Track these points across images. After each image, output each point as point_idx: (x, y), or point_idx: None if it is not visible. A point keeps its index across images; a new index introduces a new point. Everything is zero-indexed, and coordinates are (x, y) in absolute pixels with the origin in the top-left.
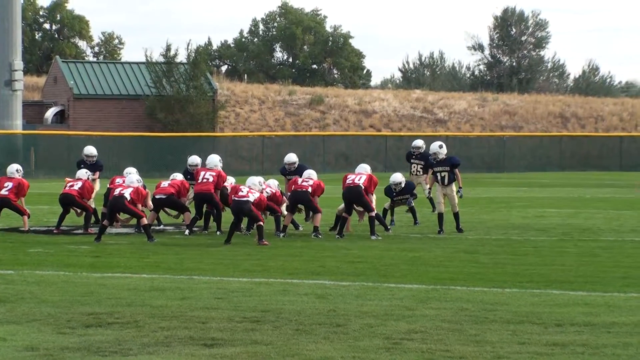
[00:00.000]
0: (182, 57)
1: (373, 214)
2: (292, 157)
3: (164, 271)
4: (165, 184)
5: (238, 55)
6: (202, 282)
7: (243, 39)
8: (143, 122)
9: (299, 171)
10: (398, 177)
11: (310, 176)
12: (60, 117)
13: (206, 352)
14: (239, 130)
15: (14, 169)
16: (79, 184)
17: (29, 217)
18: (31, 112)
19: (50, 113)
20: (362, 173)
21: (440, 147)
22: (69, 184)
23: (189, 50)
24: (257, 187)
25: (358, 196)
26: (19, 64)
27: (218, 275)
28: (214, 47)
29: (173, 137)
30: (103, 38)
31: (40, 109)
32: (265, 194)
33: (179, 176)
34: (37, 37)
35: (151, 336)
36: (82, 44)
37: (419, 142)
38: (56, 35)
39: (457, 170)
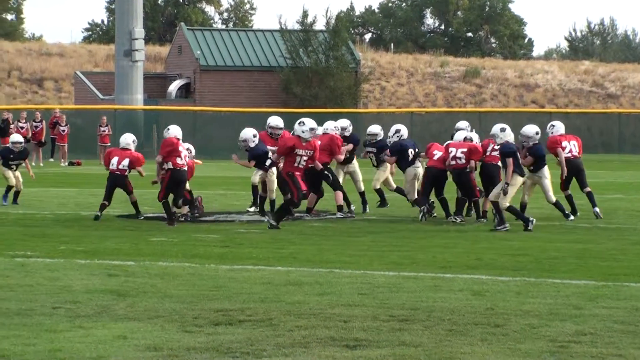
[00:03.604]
0: (320, 25)
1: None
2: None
3: (301, 263)
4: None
5: (384, 22)
6: (343, 276)
7: (389, 4)
8: (277, 96)
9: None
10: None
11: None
12: (185, 91)
13: (348, 355)
14: (384, 106)
15: (130, 139)
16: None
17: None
18: (153, 86)
19: (174, 87)
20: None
21: (502, 130)
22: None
23: (329, 17)
24: None
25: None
26: (139, 32)
27: (361, 268)
28: (357, 13)
29: (311, 113)
30: (232, 3)
31: (163, 82)
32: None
33: None
34: (159, 2)
35: (287, 336)
36: (209, 9)
37: (375, 128)
38: (181, 1)
39: (510, 160)
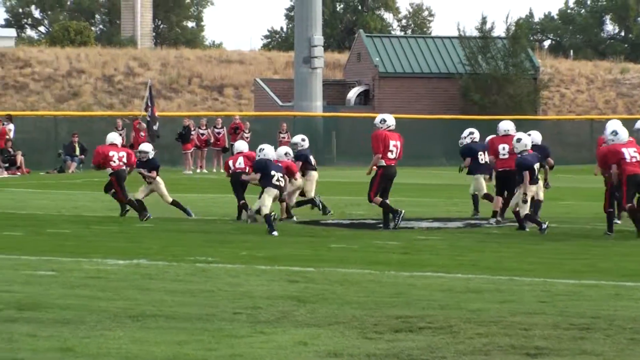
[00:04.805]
0: (499, 31)
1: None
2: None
3: (481, 271)
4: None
5: (563, 28)
6: (524, 284)
7: (568, 11)
8: (456, 103)
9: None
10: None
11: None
12: (364, 98)
13: None
14: (563, 113)
15: (283, 152)
16: None
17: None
18: (332, 93)
19: (353, 93)
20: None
21: (518, 140)
22: None
23: (508, 24)
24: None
25: None
26: (318, 39)
27: (541, 276)
28: (536, 19)
29: (490, 120)
30: (411, 10)
31: (342, 88)
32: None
33: None
34: (338, 9)
35: (467, 343)
36: (388, 16)
37: (297, 138)
38: (359, 7)
39: (525, 172)
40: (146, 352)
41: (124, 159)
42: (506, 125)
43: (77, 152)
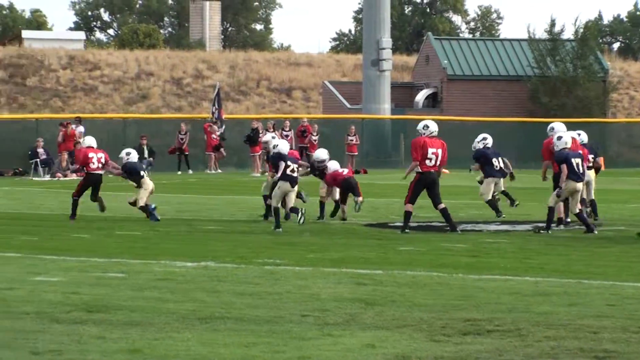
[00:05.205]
0: (568, 34)
1: None
2: None
3: (549, 274)
4: None
5: (632, 31)
6: (592, 287)
7: (638, 13)
8: (524, 106)
9: None
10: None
11: None
12: (433, 101)
13: None
14: (633, 116)
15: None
16: None
17: None
18: (400, 95)
19: (421, 96)
20: None
21: (559, 138)
22: None
23: (577, 26)
24: None
25: None
26: (387, 41)
27: (610, 279)
28: (605, 22)
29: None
30: (479, 12)
31: (411, 91)
32: None
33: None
34: (406, 12)
35: (536, 346)
36: (456, 19)
37: (268, 136)
38: (427, 10)
39: (563, 166)
40: (214, 354)
41: (102, 160)
42: (577, 132)
43: (146, 154)
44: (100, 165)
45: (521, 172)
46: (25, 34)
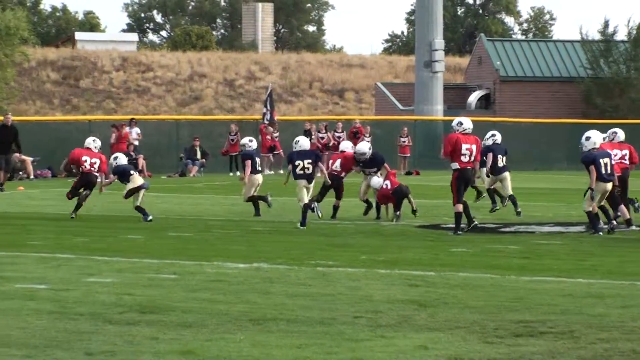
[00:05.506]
0: (621, 35)
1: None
2: None
3: (603, 275)
4: None
5: None
6: None
7: None
8: (578, 107)
9: None
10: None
11: None
12: (485, 102)
13: None
14: None
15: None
16: None
17: None
18: (453, 96)
19: (473, 97)
20: None
21: (587, 139)
22: None
23: (630, 27)
24: None
25: None
26: (439, 43)
27: None
28: None
29: (611, 124)
30: (532, 13)
31: (463, 92)
32: None
33: None
34: (459, 13)
35: (589, 348)
36: (509, 20)
37: (245, 139)
38: (480, 11)
39: (591, 167)
40: (267, 355)
41: (96, 165)
42: (613, 130)
43: (199, 155)
44: (92, 168)
45: (574, 173)
46: (79, 35)
